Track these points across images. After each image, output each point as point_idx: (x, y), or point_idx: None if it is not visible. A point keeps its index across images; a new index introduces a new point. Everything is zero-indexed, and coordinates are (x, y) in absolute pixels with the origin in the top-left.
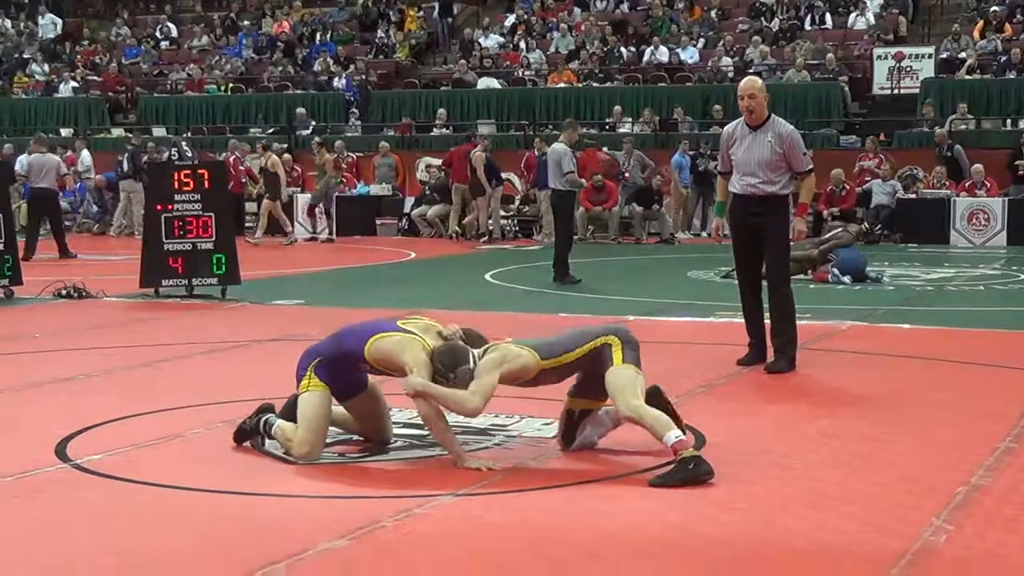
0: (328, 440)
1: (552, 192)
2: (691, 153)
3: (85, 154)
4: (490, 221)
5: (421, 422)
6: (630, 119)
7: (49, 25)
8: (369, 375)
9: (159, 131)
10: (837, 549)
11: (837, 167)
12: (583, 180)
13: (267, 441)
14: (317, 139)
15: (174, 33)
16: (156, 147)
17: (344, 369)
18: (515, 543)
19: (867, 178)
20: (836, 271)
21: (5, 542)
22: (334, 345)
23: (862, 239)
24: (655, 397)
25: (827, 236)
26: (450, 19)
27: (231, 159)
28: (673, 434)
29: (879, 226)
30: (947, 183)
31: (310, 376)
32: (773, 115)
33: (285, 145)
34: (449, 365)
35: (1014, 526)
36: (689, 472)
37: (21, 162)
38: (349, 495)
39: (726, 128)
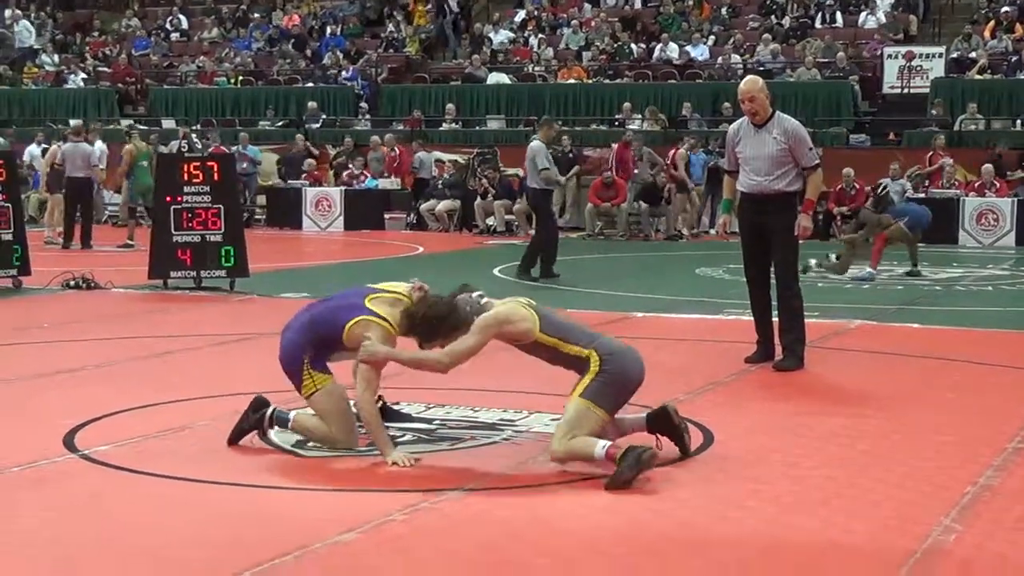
0: None
1: (531, 190)
2: (702, 150)
3: (99, 145)
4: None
5: (429, 416)
6: (639, 116)
7: (24, 32)
8: None
9: (168, 123)
10: (845, 548)
11: (848, 167)
12: (560, 178)
13: (272, 432)
14: (128, 126)
15: (184, 25)
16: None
17: (331, 348)
18: (523, 539)
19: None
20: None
21: (13, 532)
22: (311, 335)
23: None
24: (662, 420)
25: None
26: (452, 15)
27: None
28: (601, 444)
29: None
30: None
31: (310, 375)
32: (777, 111)
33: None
34: (435, 319)
35: (1023, 526)
36: (633, 462)
37: (30, 152)
38: (359, 488)
39: (731, 127)
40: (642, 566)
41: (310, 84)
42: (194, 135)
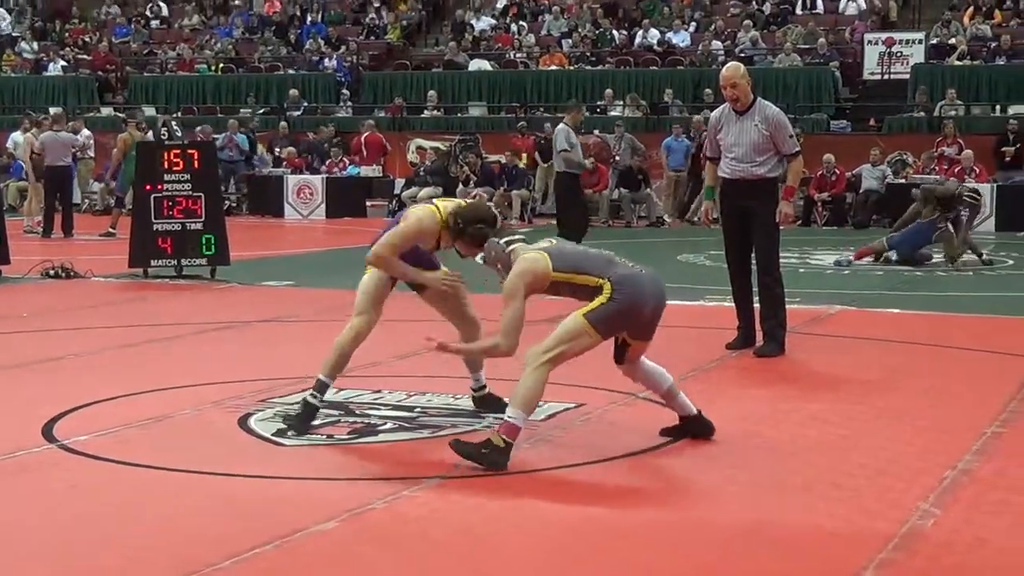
0: (316, 422)
1: (556, 175)
2: (684, 136)
3: (86, 133)
4: None
5: (410, 404)
6: (621, 102)
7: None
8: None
9: (149, 110)
10: (826, 532)
11: (829, 152)
12: (585, 161)
13: (252, 420)
14: (125, 115)
15: (164, 12)
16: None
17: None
18: (503, 525)
19: (945, 166)
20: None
21: None
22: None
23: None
24: (698, 427)
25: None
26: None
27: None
28: (514, 414)
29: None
30: None
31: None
32: (759, 98)
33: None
34: (468, 219)
35: (1000, 510)
36: (481, 454)
37: (14, 140)
38: (339, 477)
39: (713, 114)
40: (622, 550)
41: (292, 71)
42: (173, 123)
